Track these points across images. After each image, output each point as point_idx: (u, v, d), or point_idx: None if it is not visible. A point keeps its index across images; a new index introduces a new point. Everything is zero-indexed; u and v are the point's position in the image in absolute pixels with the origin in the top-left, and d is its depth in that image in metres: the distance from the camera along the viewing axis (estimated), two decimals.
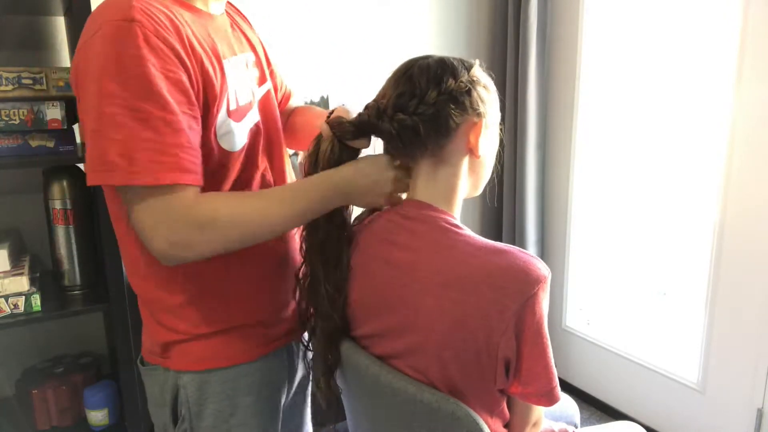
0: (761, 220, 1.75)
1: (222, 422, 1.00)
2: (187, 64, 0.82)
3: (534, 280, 0.81)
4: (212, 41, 0.90)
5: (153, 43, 0.78)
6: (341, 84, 2.19)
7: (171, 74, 0.79)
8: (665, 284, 2.21)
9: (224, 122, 0.89)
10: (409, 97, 0.88)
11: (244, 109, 0.95)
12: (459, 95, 0.88)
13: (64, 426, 1.61)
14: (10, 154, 1.40)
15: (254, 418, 1.02)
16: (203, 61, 0.85)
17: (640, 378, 2.19)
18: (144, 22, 0.78)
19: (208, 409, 0.99)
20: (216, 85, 0.86)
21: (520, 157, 2.37)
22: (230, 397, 1.00)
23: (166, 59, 0.79)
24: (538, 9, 2.24)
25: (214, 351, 0.99)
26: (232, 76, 0.92)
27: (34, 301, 1.39)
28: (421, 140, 0.89)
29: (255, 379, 1.02)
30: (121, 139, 0.77)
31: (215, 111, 0.87)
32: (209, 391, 0.99)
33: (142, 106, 0.77)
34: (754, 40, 1.72)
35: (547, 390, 0.85)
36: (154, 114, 0.77)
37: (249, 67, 1.01)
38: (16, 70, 1.37)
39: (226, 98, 0.89)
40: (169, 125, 0.79)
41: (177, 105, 0.79)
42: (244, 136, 0.94)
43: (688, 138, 2.03)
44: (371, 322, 0.93)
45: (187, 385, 0.99)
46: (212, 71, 0.86)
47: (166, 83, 0.78)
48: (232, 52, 0.95)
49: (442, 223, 0.89)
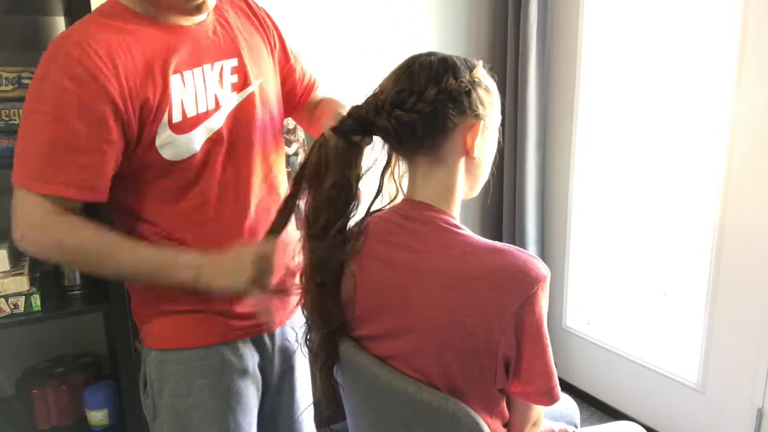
0: (761, 220, 1.75)
1: (179, 402, 1.06)
2: (109, 91, 0.90)
3: (533, 279, 0.81)
4: (165, 56, 0.96)
5: (72, 72, 0.88)
6: (341, 84, 2.19)
7: (85, 99, 0.89)
8: (665, 284, 2.21)
9: (164, 134, 0.96)
10: (408, 94, 0.87)
11: (196, 120, 0.99)
12: (458, 95, 0.87)
13: (64, 426, 1.61)
14: (10, 154, 1.39)
15: (211, 402, 1.06)
16: (136, 86, 0.92)
17: (640, 378, 2.19)
18: (72, 52, 0.89)
19: (167, 388, 1.06)
20: (152, 102, 0.94)
21: (520, 157, 2.37)
22: (186, 378, 1.05)
23: (82, 86, 0.88)
24: (538, 9, 2.24)
25: (172, 331, 1.05)
26: (181, 89, 0.97)
27: (34, 301, 1.39)
28: (418, 138, 0.89)
29: (211, 364, 1.06)
30: (28, 148, 0.91)
31: (152, 124, 0.95)
32: (167, 370, 1.05)
33: (50, 125, 0.89)
34: (754, 40, 1.72)
35: (547, 389, 0.85)
36: (58, 133, 0.89)
37: (225, 74, 1.03)
38: (16, 70, 1.37)
39: (168, 111, 0.96)
40: (69, 145, 0.90)
41: (84, 127, 0.89)
42: (193, 146, 0.98)
43: (688, 138, 2.03)
44: (372, 323, 0.93)
45: (151, 362, 1.06)
46: (150, 91, 0.94)
47: (77, 108, 0.89)
48: (195, 62, 0.99)
49: (442, 224, 0.89)
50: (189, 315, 1.05)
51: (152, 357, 1.06)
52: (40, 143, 0.90)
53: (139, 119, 0.93)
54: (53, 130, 0.89)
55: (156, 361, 1.06)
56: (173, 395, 1.06)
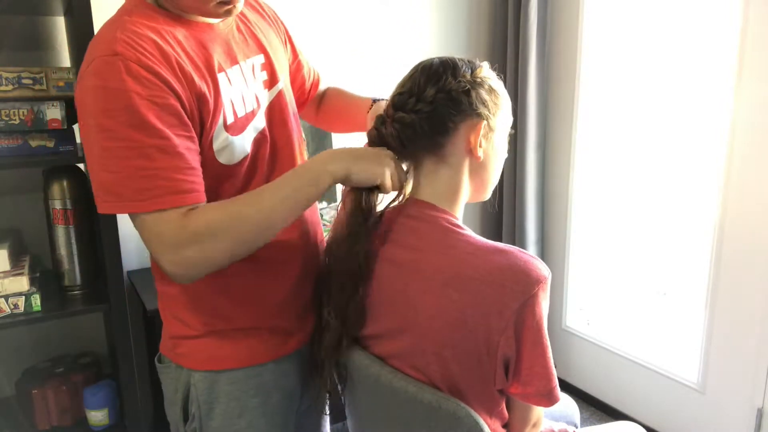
0: (761, 220, 1.75)
1: (230, 423, 1.00)
2: (175, 87, 0.83)
3: (534, 280, 0.81)
4: (207, 55, 0.90)
5: (136, 73, 0.80)
6: (341, 84, 2.19)
7: (159, 99, 0.81)
8: (665, 284, 2.21)
9: (221, 137, 0.90)
10: (408, 96, 0.89)
11: (245, 120, 0.95)
12: (457, 95, 0.88)
13: (64, 426, 1.62)
14: (10, 154, 1.40)
15: (263, 420, 1.02)
16: (194, 80, 0.86)
17: (640, 378, 2.19)
18: (126, 53, 0.80)
19: (217, 409, 1.00)
20: (209, 102, 0.88)
21: (520, 157, 2.37)
22: (238, 398, 1.00)
23: (151, 86, 0.81)
24: (538, 9, 2.24)
25: (224, 351, 0.99)
26: (228, 89, 0.92)
27: (34, 301, 1.39)
28: (420, 138, 0.89)
29: (264, 382, 1.02)
30: (119, 170, 0.80)
31: (210, 127, 0.88)
32: (218, 391, 0.99)
33: (133, 136, 0.80)
34: (754, 40, 1.72)
35: (546, 390, 0.85)
36: (146, 142, 0.80)
37: (256, 72, 1.00)
38: (16, 70, 1.37)
39: (222, 113, 0.90)
40: (162, 150, 0.81)
41: (169, 128, 0.82)
42: (245, 148, 0.94)
43: (688, 138, 2.03)
44: (375, 322, 0.93)
45: (198, 383, 0.99)
46: (205, 88, 0.87)
47: (154, 109, 0.81)
48: (232, 60, 0.95)
49: (444, 223, 0.89)
50: (245, 332, 1.00)
51: (198, 378, 0.99)
52: (132, 158, 0.80)
53: (199, 119, 0.87)
54: (140, 139, 0.79)
55: (205, 382, 0.99)
56: (223, 416, 1.00)
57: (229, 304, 0.98)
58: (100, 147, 0.81)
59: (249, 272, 0.97)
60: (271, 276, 1.01)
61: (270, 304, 1.01)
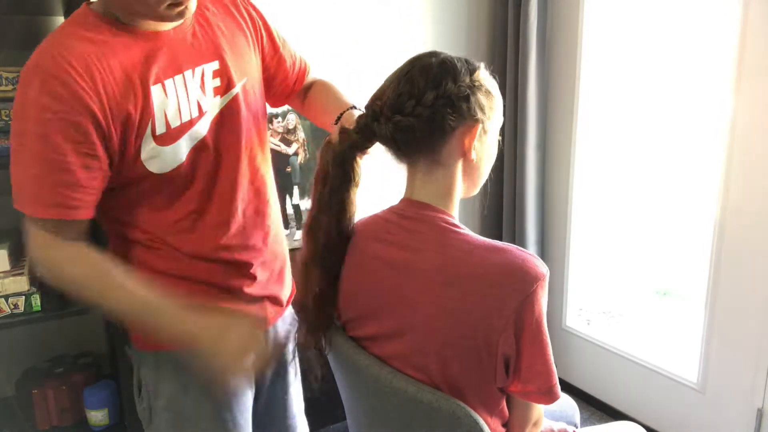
0: (761, 219, 1.75)
1: (175, 403, 1.05)
2: (89, 105, 0.87)
3: (532, 277, 0.81)
4: (144, 68, 0.93)
5: (51, 89, 0.85)
6: (341, 84, 2.19)
7: (67, 116, 0.86)
8: (665, 284, 2.21)
9: (149, 147, 0.94)
10: (407, 98, 0.87)
11: (179, 131, 0.97)
12: (457, 100, 0.87)
13: (64, 426, 1.62)
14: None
15: (208, 400, 1.05)
16: (116, 98, 0.89)
17: (640, 378, 2.19)
18: (50, 68, 0.86)
19: (163, 389, 1.05)
20: (134, 115, 0.91)
21: (520, 157, 2.37)
22: (181, 378, 1.04)
23: (62, 102, 0.85)
24: (538, 9, 2.24)
25: None
26: (163, 100, 0.94)
27: (34, 301, 1.39)
28: (417, 142, 0.89)
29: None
30: (19, 173, 0.89)
31: (134, 138, 0.93)
32: (163, 371, 1.04)
33: (35, 146, 0.87)
34: (754, 40, 1.72)
35: (547, 388, 0.85)
36: (45, 154, 0.87)
37: (206, 79, 1.01)
38: (16, 70, 1.37)
39: (151, 123, 0.93)
40: (55, 164, 0.87)
41: (70, 144, 0.87)
42: (179, 156, 0.97)
43: (688, 138, 2.03)
44: (372, 323, 0.93)
45: (146, 364, 1.06)
46: (132, 105, 0.91)
47: (59, 125, 0.86)
48: (175, 70, 0.96)
49: (441, 223, 0.89)
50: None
51: (146, 359, 1.06)
52: (30, 166, 0.88)
53: (121, 135, 0.91)
54: (39, 150, 0.87)
55: (151, 363, 1.05)
56: (170, 396, 1.05)
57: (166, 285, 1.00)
58: (13, 146, 0.89)
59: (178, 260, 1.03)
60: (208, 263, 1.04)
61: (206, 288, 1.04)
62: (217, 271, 1.05)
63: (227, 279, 1.06)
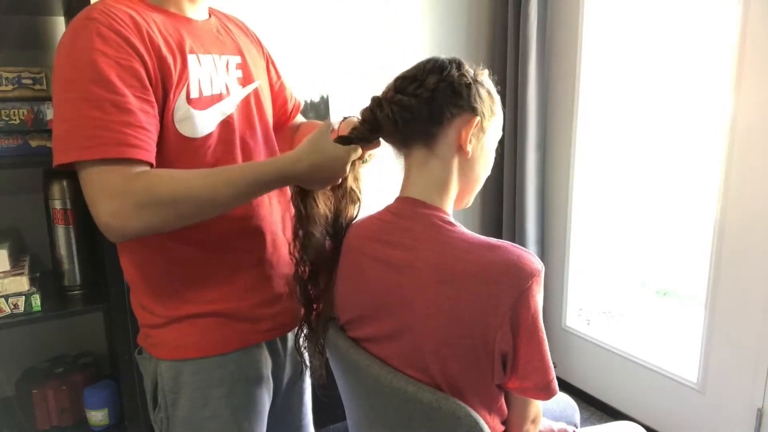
0: (761, 220, 1.75)
1: (195, 413, 1.02)
2: (141, 53, 0.89)
3: (528, 274, 0.81)
4: (180, 37, 0.97)
5: (105, 35, 0.87)
6: (341, 84, 2.19)
7: (123, 61, 0.87)
8: (665, 284, 2.22)
9: (183, 108, 0.94)
10: (410, 81, 0.91)
11: (210, 100, 0.98)
12: (458, 86, 0.89)
13: (64, 426, 1.61)
14: (10, 154, 1.40)
15: (227, 411, 1.04)
16: (161, 50, 0.92)
17: (640, 378, 2.19)
18: (100, 18, 0.88)
19: (182, 399, 1.02)
20: (173, 73, 0.93)
21: (520, 157, 2.37)
22: (202, 388, 1.02)
23: (118, 48, 0.87)
24: (538, 9, 2.24)
25: (189, 339, 1.01)
26: (197, 68, 0.97)
27: (34, 301, 1.39)
28: (415, 122, 0.90)
29: (228, 372, 1.03)
30: (73, 119, 0.85)
31: (172, 96, 0.93)
32: (182, 381, 1.02)
33: (92, 89, 0.85)
34: (754, 40, 1.72)
35: (544, 383, 0.86)
36: (103, 96, 0.85)
37: (230, 68, 1.05)
38: (16, 70, 1.37)
39: (186, 86, 0.95)
40: (116, 105, 0.85)
41: (127, 88, 0.87)
42: (208, 125, 0.97)
43: (688, 138, 2.03)
44: (371, 324, 0.93)
45: (164, 373, 1.02)
46: (171, 59, 0.93)
47: (116, 69, 0.86)
48: (206, 50, 1.00)
49: (436, 221, 0.90)
50: (207, 319, 1.01)
51: (164, 368, 1.02)
52: (87, 109, 0.84)
53: (162, 85, 0.92)
54: (99, 93, 0.84)
55: (170, 372, 1.02)
56: (189, 407, 1.02)
57: (186, 288, 1.00)
58: (61, 99, 0.86)
59: (206, 257, 1.01)
60: (232, 261, 1.03)
61: (229, 289, 1.03)
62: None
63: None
